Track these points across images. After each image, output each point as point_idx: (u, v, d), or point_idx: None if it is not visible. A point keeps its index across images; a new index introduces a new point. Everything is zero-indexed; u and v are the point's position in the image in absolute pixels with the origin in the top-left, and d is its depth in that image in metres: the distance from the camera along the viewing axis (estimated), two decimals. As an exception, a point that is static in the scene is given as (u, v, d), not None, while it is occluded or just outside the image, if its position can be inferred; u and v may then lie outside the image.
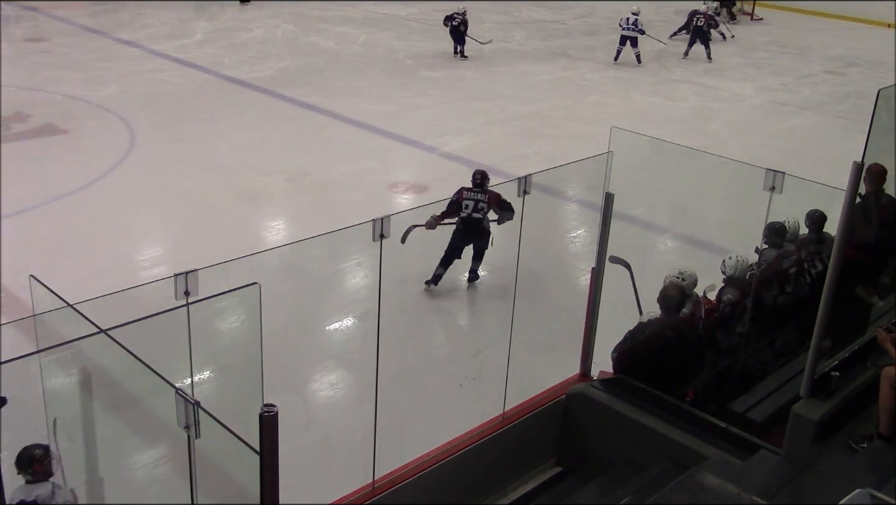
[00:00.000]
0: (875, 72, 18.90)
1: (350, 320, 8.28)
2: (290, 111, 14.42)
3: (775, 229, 6.85)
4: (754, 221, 6.66)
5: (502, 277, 8.30)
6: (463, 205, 8.47)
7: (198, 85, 15.65)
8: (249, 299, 4.03)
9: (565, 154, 11.82)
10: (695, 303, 6.36)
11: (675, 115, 15.26)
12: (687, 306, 6.29)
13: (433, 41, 19.80)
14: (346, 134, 13.47)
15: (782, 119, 15.53)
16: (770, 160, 8.69)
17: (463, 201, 8.47)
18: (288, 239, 9.56)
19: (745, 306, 6.45)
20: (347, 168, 11.90)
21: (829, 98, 16.97)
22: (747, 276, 6.48)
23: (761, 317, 6.58)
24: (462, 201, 8.47)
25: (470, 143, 13.21)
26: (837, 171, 5.15)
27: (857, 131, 5.30)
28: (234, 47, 18.57)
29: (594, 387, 6.15)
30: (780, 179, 5.80)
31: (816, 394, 5.13)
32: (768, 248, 6.93)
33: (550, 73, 17.66)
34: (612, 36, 21.69)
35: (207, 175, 11.34)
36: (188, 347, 4.22)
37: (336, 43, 19.53)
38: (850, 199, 4.91)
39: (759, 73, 18.83)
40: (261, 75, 16.35)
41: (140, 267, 8.81)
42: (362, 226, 4.70)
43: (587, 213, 10.41)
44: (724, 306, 6.41)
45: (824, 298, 4.96)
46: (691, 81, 17.76)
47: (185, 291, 4.04)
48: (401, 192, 11.24)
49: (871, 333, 5.74)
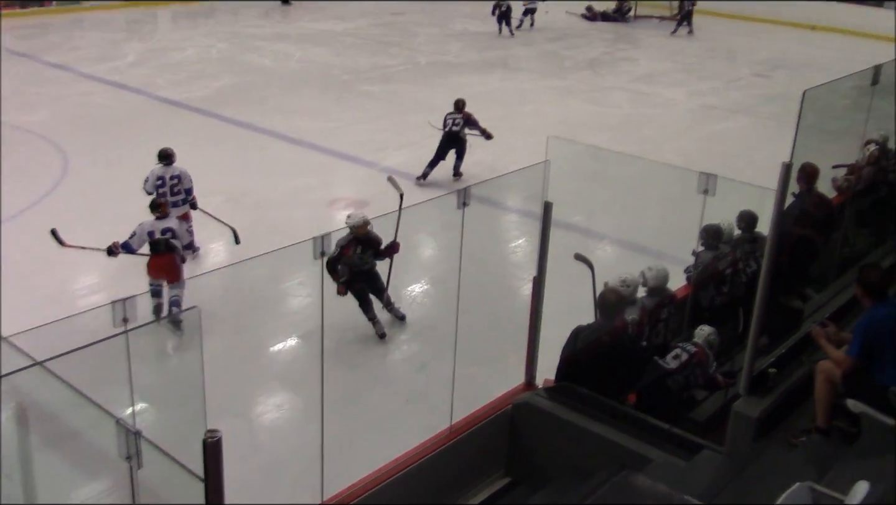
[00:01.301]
0: (800, 73, 19.41)
1: (293, 340, 8.21)
2: (227, 131, 14.29)
3: (711, 232, 7.00)
4: (690, 224, 6.80)
5: (444, 289, 8.31)
6: (445, 122, 12.09)
7: (131, 107, 15.42)
8: (189, 323, 3.98)
9: (505, 164, 11.92)
10: (640, 309, 6.47)
11: (610, 121, 15.49)
12: (633, 313, 6.39)
13: (369, 56, 19.83)
14: (284, 152, 13.40)
15: (714, 122, 15.88)
16: (703, 163, 8.83)
17: (446, 119, 12.14)
18: (228, 260, 9.46)
19: (660, 317, 6.56)
20: (287, 186, 11.83)
21: (757, 101, 17.39)
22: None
23: (700, 318, 6.71)
24: (445, 119, 12.15)
25: (410, 157, 13.22)
26: (768, 171, 5.28)
27: (785, 132, 5.42)
28: (167, 67, 18.35)
29: (539, 396, 6.19)
30: (712, 182, 5.92)
31: (755, 391, 5.25)
32: (705, 251, 7.07)
33: (487, 85, 17.80)
34: (547, 46, 22.00)
35: (144, 198, 11.12)
36: (128, 375, 4.15)
37: (272, 60, 19.43)
38: (781, 199, 5.04)
39: (689, 78, 19.22)
40: (196, 95, 16.18)
41: (77, 295, 8.64)
42: (303, 244, 4.67)
43: (527, 222, 10.49)
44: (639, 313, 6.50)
45: (759, 297, 5.08)
46: (624, 88, 18.06)
47: (124, 318, 3.96)
48: (341, 208, 11.18)
49: (805, 329, 5.90)
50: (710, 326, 6.37)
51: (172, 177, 9.29)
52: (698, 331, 6.34)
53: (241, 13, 25.01)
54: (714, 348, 6.30)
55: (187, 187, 9.39)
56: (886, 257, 7.49)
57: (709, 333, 6.30)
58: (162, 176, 9.26)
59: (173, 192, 9.23)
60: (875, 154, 7.94)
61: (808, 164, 6.81)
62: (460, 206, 5.71)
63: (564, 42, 22.67)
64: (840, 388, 5.09)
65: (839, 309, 6.34)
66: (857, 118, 7.37)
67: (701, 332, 6.31)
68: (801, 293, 7.05)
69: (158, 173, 9.26)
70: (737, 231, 7.27)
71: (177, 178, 9.31)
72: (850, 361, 5.01)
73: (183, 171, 9.39)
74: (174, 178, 9.29)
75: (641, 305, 6.51)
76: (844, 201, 7.69)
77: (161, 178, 9.25)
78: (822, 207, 7.29)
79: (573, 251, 7.02)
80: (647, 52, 22.09)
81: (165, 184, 9.23)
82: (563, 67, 19.71)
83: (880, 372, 4.97)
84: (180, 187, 9.32)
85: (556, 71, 19.28)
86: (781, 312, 6.42)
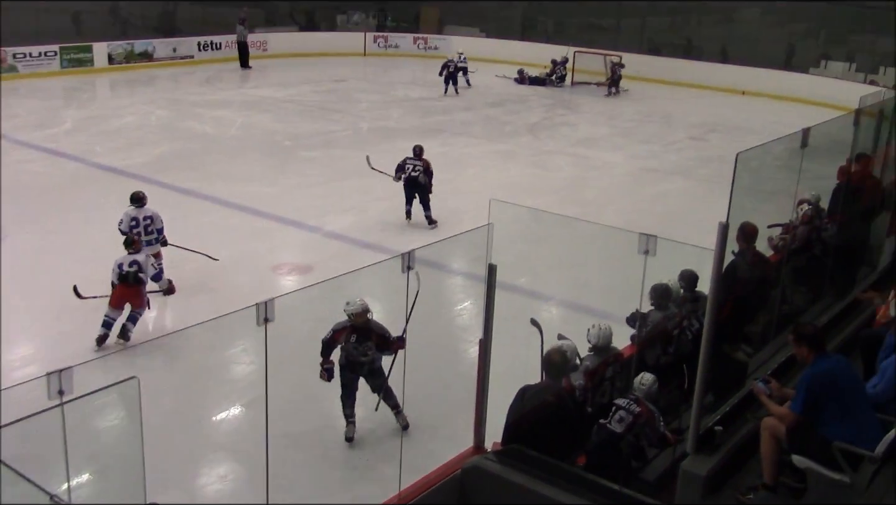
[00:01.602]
0: (733, 136, 20.01)
1: (237, 409, 8.04)
2: (167, 197, 14.12)
3: (660, 291, 7.06)
4: (632, 285, 6.87)
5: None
6: (405, 167, 12.97)
7: (69, 174, 15.21)
8: (128, 394, 3.87)
9: (449, 227, 12.00)
10: (584, 372, 6.48)
11: (551, 184, 15.72)
12: (578, 378, 6.39)
13: (311, 122, 19.93)
14: (227, 218, 13.29)
15: (652, 184, 16.21)
16: (644, 224, 9.02)
17: (406, 165, 13.00)
18: (169, 328, 9.28)
19: (605, 375, 6.57)
20: (229, 252, 11.70)
21: (693, 163, 17.84)
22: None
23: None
24: (406, 165, 13.01)
25: (353, 221, 13.23)
26: (707, 231, 5.38)
27: (722, 193, 5.56)
28: (106, 134, 18.19)
29: (489, 459, 6.12)
30: (653, 243, 6.00)
31: (702, 449, 5.27)
32: (654, 310, 7.14)
33: (429, 149, 17.75)
34: (488, 111, 22.38)
35: (82, 266, 10.92)
36: (64, 449, 4.00)
37: (213, 127, 19.39)
38: (720, 258, 5.13)
39: (628, 141, 19.67)
40: (135, 162, 16.02)
41: (11, 367, 8.36)
42: (247, 310, 4.60)
43: (473, 284, 10.51)
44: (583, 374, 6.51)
45: (702, 356, 5.13)
46: (565, 152, 18.39)
47: (59, 391, 3.84)
48: (285, 273, 11.11)
49: (749, 387, 5.96)
50: (650, 375, 6.30)
51: (145, 217, 10.03)
52: (637, 383, 6.27)
53: (181, 80, 25.02)
54: (654, 398, 6.26)
55: (159, 227, 10.13)
56: (824, 314, 7.66)
57: (650, 384, 6.20)
58: (136, 217, 9.98)
59: (147, 232, 9.96)
60: (808, 213, 8.16)
61: (747, 224, 6.97)
62: (405, 270, 5.70)
63: (504, 107, 23.09)
64: (785, 443, 5.14)
65: (781, 365, 6.44)
66: (789, 179, 7.58)
67: (641, 386, 6.26)
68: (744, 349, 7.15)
69: (132, 214, 10.01)
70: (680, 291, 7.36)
71: (149, 219, 10.06)
72: (794, 416, 5.08)
73: (154, 213, 10.14)
74: (147, 219, 10.04)
75: (585, 365, 6.53)
76: (781, 259, 7.87)
77: (135, 220, 9.96)
78: (761, 266, 7.44)
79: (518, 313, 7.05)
80: (586, 116, 22.60)
81: (139, 224, 9.96)
82: (503, 132, 20.03)
83: (824, 426, 5.03)
84: (153, 227, 10.06)
85: (498, 135, 19.58)
86: (726, 368, 6.49)
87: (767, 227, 8.13)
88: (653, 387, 6.25)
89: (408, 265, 5.70)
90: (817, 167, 8.25)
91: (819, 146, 7.03)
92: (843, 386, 5.13)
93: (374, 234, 12.61)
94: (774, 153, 7.19)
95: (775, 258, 7.91)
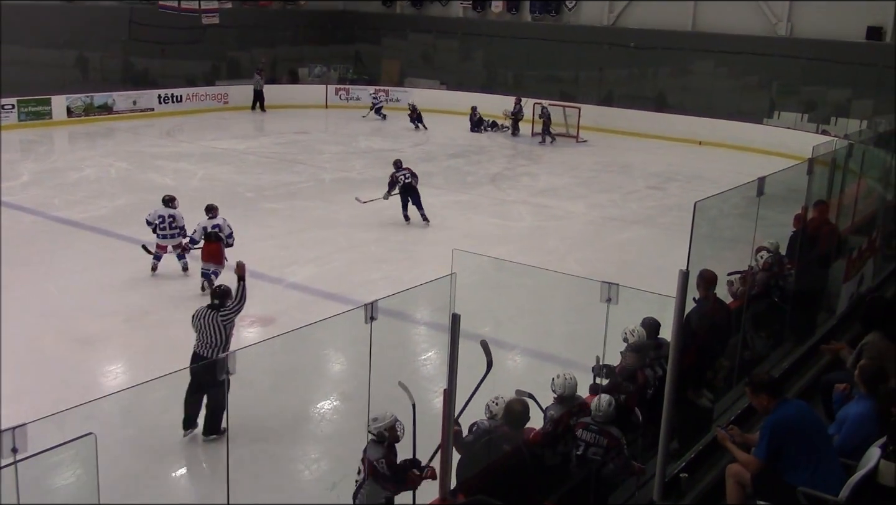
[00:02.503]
0: (692, 185, 20.36)
1: (198, 464, 7.88)
2: (127, 250, 13.98)
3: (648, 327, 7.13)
4: (595, 332, 6.89)
5: (354, 405, 8.16)
6: (398, 179, 15.72)
7: (26, 227, 14.99)
8: (84, 451, 3.78)
9: (412, 277, 11.98)
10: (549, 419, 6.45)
11: (513, 233, 15.82)
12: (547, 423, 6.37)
13: (273, 173, 19.92)
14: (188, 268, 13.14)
15: (613, 233, 16.38)
16: (605, 272, 9.08)
17: (398, 178, 15.75)
18: (127, 383, 9.11)
19: (569, 424, 6.55)
20: (190, 305, 11.56)
21: (653, 211, 18.08)
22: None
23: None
24: (397, 178, 15.75)
25: (316, 272, 13.17)
26: (667, 278, 5.43)
27: (681, 241, 5.63)
28: (63, 187, 18.01)
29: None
30: (615, 291, 6.04)
31: (668, 497, 5.25)
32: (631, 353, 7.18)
33: (391, 200, 18.00)
34: (448, 162, 22.54)
35: (38, 321, 10.75)
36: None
37: (173, 179, 19.28)
38: (681, 305, 5.17)
39: (588, 191, 19.90)
40: (94, 215, 15.88)
41: (-38, 425, 8.13)
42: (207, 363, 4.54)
43: (436, 334, 10.48)
44: (548, 423, 6.50)
45: (666, 403, 5.14)
46: (526, 202, 18.54)
47: (13, 449, 3.74)
48: (246, 325, 10.98)
49: (713, 433, 5.98)
50: (605, 396, 6.22)
51: (169, 216, 12.57)
52: (594, 410, 6.18)
53: (141, 132, 24.91)
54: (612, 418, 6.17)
55: (181, 225, 12.63)
56: (784, 360, 7.73)
57: (607, 407, 6.13)
58: (162, 214, 12.59)
59: (170, 228, 12.57)
60: (768, 261, 8.29)
61: (706, 271, 7.05)
62: (368, 321, 5.67)
63: (465, 158, 23.29)
64: (750, 490, 5.14)
65: (744, 411, 6.47)
66: (747, 226, 7.70)
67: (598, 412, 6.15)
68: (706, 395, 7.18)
69: (160, 212, 12.64)
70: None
71: (172, 217, 12.58)
72: (758, 462, 5.09)
73: (177, 214, 12.64)
74: (170, 217, 12.56)
75: (550, 415, 6.50)
76: (741, 306, 7.96)
77: (161, 216, 12.58)
78: (721, 312, 7.51)
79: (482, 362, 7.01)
80: (546, 167, 22.85)
81: (165, 221, 12.56)
82: (465, 183, 20.17)
83: (789, 471, 5.05)
84: (175, 224, 12.61)
85: (459, 186, 19.71)
86: (691, 414, 6.51)
87: (727, 276, 8.24)
88: (609, 408, 6.21)
89: (371, 316, 5.67)
90: (774, 215, 8.40)
91: (775, 194, 7.17)
92: (806, 431, 5.16)
93: (337, 284, 12.56)
94: (732, 202, 7.32)
95: (735, 304, 7.99)
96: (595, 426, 6.17)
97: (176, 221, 12.55)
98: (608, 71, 29.58)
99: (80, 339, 10.29)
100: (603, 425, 6.18)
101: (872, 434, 5.30)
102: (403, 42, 33.57)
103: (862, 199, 9.82)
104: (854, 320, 8.07)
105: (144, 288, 12.18)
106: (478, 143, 25.86)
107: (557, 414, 6.53)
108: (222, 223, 12.24)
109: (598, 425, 6.18)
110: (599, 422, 6.20)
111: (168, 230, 12.51)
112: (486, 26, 31.77)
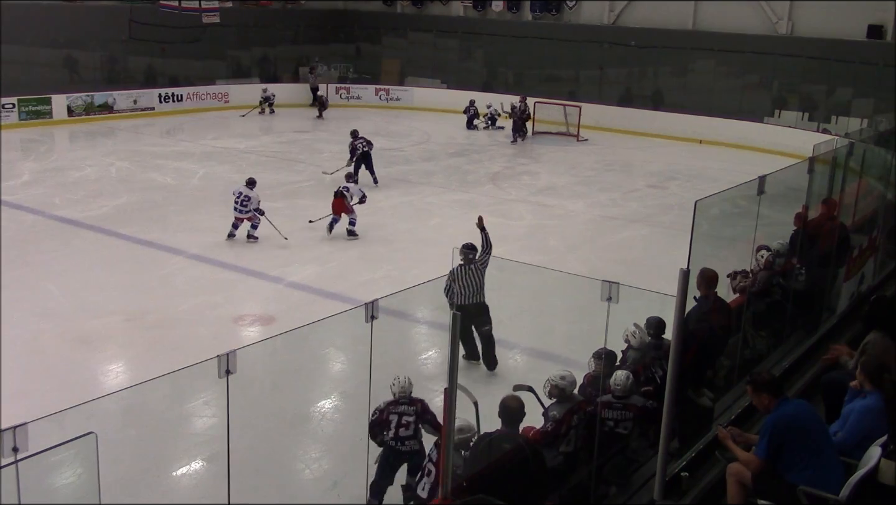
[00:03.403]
0: (692, 184, 20.34)
1: (199, 463, 7.88)
2: (127, 249, 14.01)
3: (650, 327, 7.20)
4: (596, 331, 6.89)
5: (355, 404, 8.17)
6: (356, 147, 18.73)
7: (26, 227, 15.00)
8: (85, 450, 3.78)
9: (413, 276, 11.98)
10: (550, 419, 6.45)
11: (514, 232, 15.80)
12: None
13: (273, 172, 19.91)
14: (188, 269, 13.17)
15: (614, 232, 16.37)
16: (606, 271, 9.08)
17: (356, 146, 18.82)
18: (128, 382, 9.12)
19: (571, 424, 6.56)
20: (190, 304, 11.59)
21: (654, 210, 18.06)
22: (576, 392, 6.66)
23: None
24: (356, 147, 18.82)
25: (316, 272, 13.18)
26: (669, 277, 5.43)
27: (682, 240, 5.63)
28: (64, 186, 18.02)
29: (456, 510, 6.04)
30: (615, 290, 6.04)
31: (669, 496, 5.25)
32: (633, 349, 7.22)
33: (392, 199, 18.04)
34: (450, 161, 22.54)
35: (38, 320, 10.76)
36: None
37: (174, 178, 19.30)
38: (681, 304, 5.16)
39: (589, 190, 19.88)
40: (94, 214, 15.88)
41: (-37, 424, 8.13)
42: (208, 362, 4.54)
43: (437, 333, 10.50)
44: (549, 423, 6.50)
45: (666, 402, 5.13)
46: (527, 201, 18.53)
47: (14, 448, 3.74)
48: (247, 325, 11.00)
49: (714, 432, 5.97)
50: (621, 372, 6.51)
51: (245, 196, 14.46)
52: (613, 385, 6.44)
53: (142, 132, 24.92)
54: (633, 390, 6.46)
55: (254, 206, 14.47)
56: (785, 358, 7.72)
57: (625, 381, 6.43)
58: (241, 192, 14.53)
59: (242, 204, 14.43)
60: (769, 259, 8.28)
61: (707, 270, 7.04)
62: (368, 320, 5.67)
63: (466, 157, 23.27)
64: (751, 489, 5.14)
65: (744, 410, 6.46)
66: (747, 225, 7.70)
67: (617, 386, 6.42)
68: (707, 394, 7.17)
69: (240, 189, 14.64)
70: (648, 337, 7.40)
71: (247, 198, 14.44)
72: (759, 462, 5.08)
73: (254, 195, 14.51)
74: (246, 197, 14.45)
75: (552, 415, 6.50)
76: (742, 305, 7.94)
77: (240, 193, 14.51)
78: (722, 311, 7.50)
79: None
80: (546, 166, 22.83)
81: (240, 197, 14.47)
82: (466, 181, 20.16)
83: (789, 471, 5.04)
84: (248, 204, 14.45)
85: (460, 185, 19.71)
86: (692, 413, 6.51)
87: (727, 276, 8.23)
88: (627, 382, 6.41)
89: (371, 314, 5.67)
90: (774, 213, 8.40)
91: (775, 193, 7.16)
92: (806, 430, 5.16)
93: (338, 283, 12.57)
94: (732, 200, 7.32)
95: (737, 301, 7.98)
96: (619, 403, 6.26)
97: (251, 202, 14.40)
98: (609, 70, 29.56)
99: (80, 338, 10.29)
100: (625, 400, 6.25)
101: (877, 428, 5.28)
102: (404, 41, 33.56)
103: (862, 198, 9.81)
104: (855, 319, 8.07)
105: (144, 288, 12.18)
106: (479, 142, 25.85)
107: (559, 414, 6.52)
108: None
109: (620, 401, 6.26)
110: (620, 397, 6.29)
111: (240, 206, 14.42)
112: (487, 25, 31.76)
